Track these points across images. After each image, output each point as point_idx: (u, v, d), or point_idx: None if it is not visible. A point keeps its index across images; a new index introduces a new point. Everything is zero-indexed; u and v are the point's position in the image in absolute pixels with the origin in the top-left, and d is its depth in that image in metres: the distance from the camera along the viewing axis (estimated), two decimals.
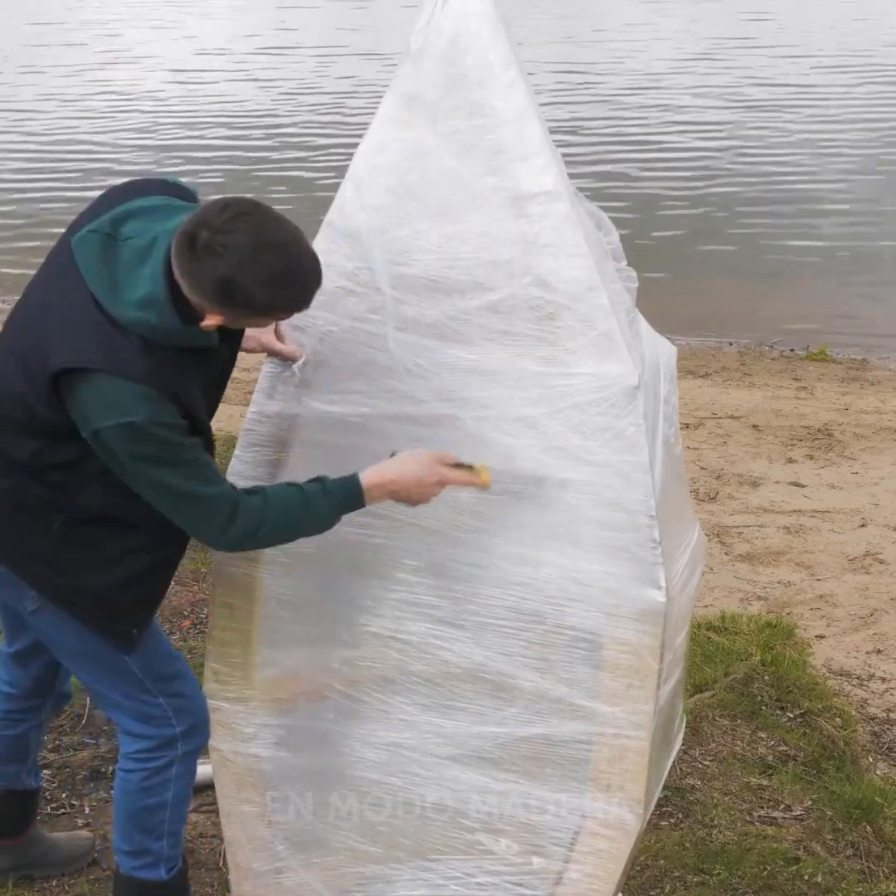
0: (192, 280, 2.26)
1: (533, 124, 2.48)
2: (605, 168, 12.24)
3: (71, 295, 2.34)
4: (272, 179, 12.29)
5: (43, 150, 13.29)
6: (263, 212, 2.29)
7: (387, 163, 2.57)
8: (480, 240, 2.52)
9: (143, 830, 2.77)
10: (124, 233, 2.34)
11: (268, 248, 2.24)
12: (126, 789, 2.75)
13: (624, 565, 2.50)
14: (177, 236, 2.26)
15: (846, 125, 13.98)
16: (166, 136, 13.96)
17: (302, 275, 2.30)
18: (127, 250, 2.32)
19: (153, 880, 2.81)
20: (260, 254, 2.23)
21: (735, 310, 9.33)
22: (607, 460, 2.48)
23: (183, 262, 2.25)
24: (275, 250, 2.25)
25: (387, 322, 2.59)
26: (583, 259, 2.46)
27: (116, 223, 2.35)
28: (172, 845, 2.81)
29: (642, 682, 2.54)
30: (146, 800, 2.73)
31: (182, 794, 2.76)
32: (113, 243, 2.33)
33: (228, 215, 2.24)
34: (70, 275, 2.35)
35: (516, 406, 2.52)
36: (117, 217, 2.36)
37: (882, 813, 3.57)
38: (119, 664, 2.62)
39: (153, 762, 2.70)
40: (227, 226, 2.22)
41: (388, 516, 2.61)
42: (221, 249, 2.21)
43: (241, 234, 2.22)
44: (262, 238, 2.24)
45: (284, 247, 2.26)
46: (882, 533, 5.68)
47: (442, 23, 2.51)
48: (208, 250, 2.22)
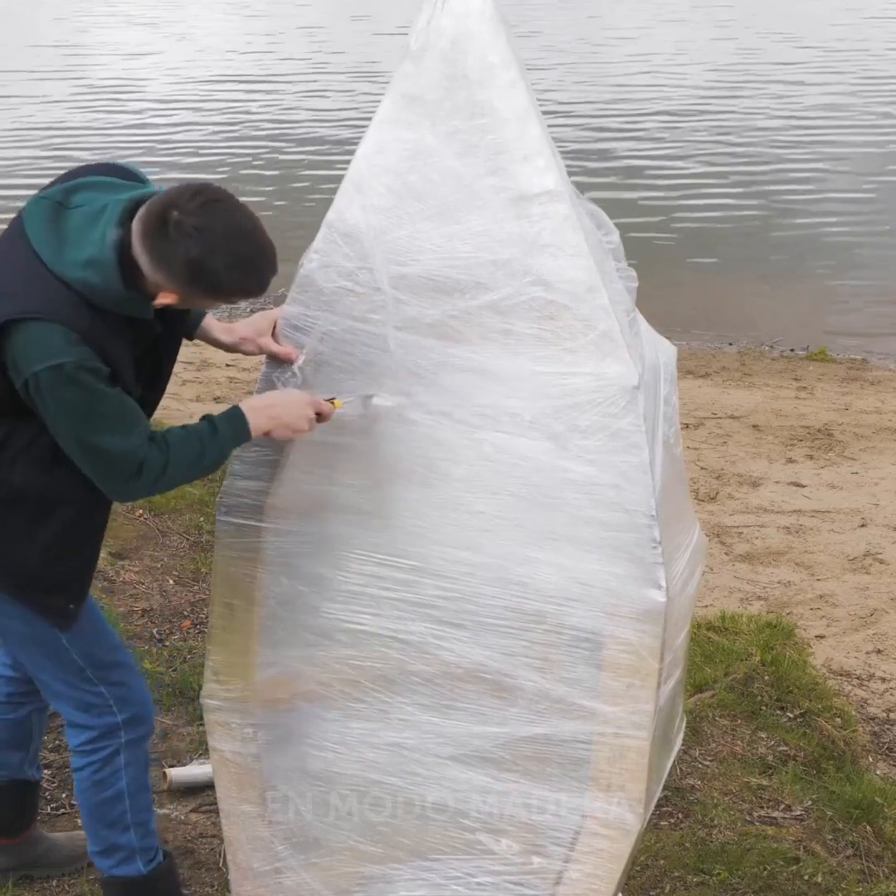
0: (157, 257, 2.33)
1: (533, 124, 2.47)
2: (605, 168, 12.25)
3: (17, 257, 2.40)
4: (272, 179, 12.30)
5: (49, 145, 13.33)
6: (232, 200, 2.39)
7: (387, 163, 2.56)
8: (481, 240, 2.51)
9: (107, 825, 2.78)
10: (74, 201, 2.41)
11: (237, 236, 2.35)
12: (81, 787, 2.78)
13: (624, 565, 2.50)
14: (143, 213, 2.34)
15: (849, 126, 13.99)
16: (164, 135, 13.97)
17: (264, 263, 2.40)
18: (76, 216, 2.39)
19: (133, 876, 2.81)
20: (231, 240, 2.34)
21: (735, 310, 9.33)
22: (607, 460, 2.48)
23: (149, 239, 2.33)
24: (243, 238, 2.36)
25: (387, 322, 2.59)
26: (583, 259, 2.46)
27: (68, 192, 2.42)
28: (142, 836, 2.81)
29: (643, 682, 2.54)
30: (102, 793, 2.75)
31: (137, 782, 2.77)
32: (62, 210, 2.40)
33: (201, 200, 2.33)
34: (19, 242, 2.41)
35: (516, 405, 2.52)
36: (69, 188, 2.43)
37: (882, 813, 3.57)
38: (61, 652, 2.66)
39: (99, 753, 2.72)
40: (201, 210, 2.32)
41: (386, 517, 2.62)
42: (195, 232, 2.30)
43: (214, 219, 2.32)
44: (232, 225, 2.35)
45: (251, 235, 2.38)
46: (882, 533, 5.68)
47: (442, 22, 2.50)
48: (180, 231, 2.30)
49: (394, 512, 2.61)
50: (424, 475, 2.60)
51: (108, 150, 13.16)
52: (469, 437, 2.57)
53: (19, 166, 12.64)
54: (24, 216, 2.42)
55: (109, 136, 13.90)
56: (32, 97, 15.68)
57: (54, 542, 2.56)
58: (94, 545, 2.68)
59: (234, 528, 2.73)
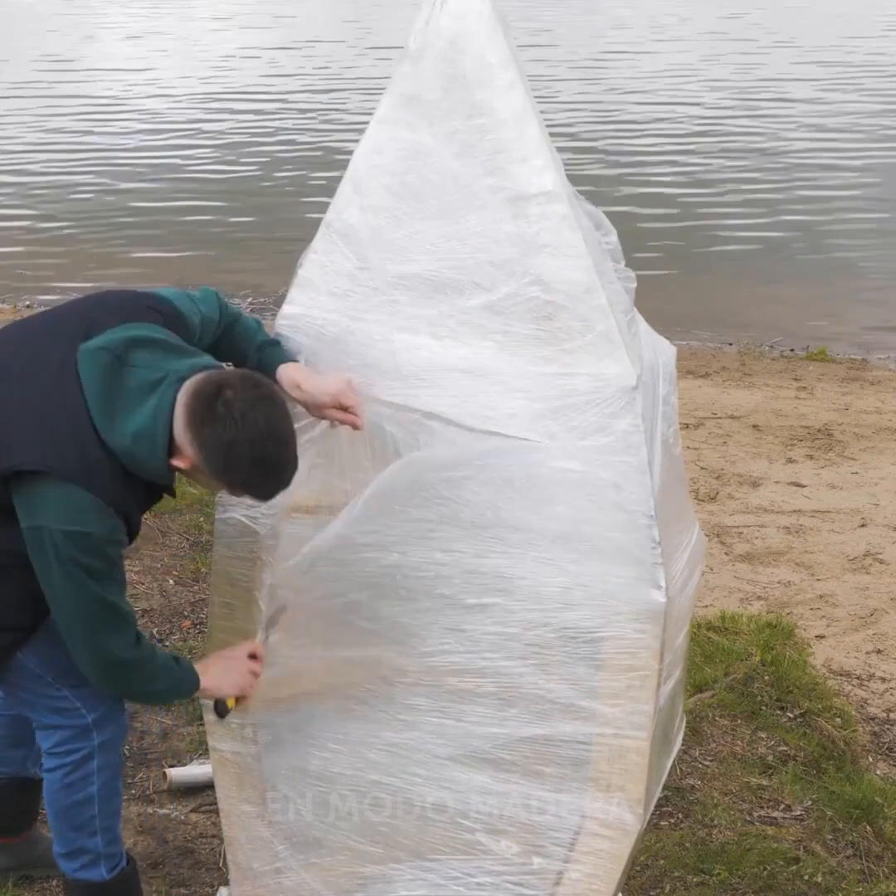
0: (192, 426, 2.35)
1: (532, 125, 2.47)
2: (604, 166, 12.25)
3: (63, 399, 2.38)
4: (271, 180, 12.29)
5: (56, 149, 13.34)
6: (281, 404, 2.42)
7: (385, 163, 2.56)
8: (479, 240, 2.51)
9: (75, 828, 2.77)
10: (132, 359, 2.39)
11: (272, 438, 2.37)
12: (51, 789, 2.76)
13: (624, 565, 2.50)
14: (200, 383, 2.35)
15: (853, 127, 14.00)
16: (162, 134, 13.98)
17: (283, 474, 2.43)
18: (134, 378, 2.38)
19: (95, 881, 2.81)
20: (266, 440, 2.36)
21: (735, 310, 9.33)
22: (606, 461, 2.47)
23: (194, 408, 2.34)
24: (277, 443, 2.38)
25: (385, 322, 2.59)
26: (581, 260, 2.46)
27: (127, 347, 2.40)
28: (108, 842, 2.80)
29: (642, 683, 2.54)
30: (72, 796, 2.73)
31: (108, 787, 2.76)
32: (120, 367, 2.38)
33: (257, 393, 2.36)
34: (70, 385, 2.38)
35: (514, 406, 2.52)
36: (129, 341, 2.40)
37: (882, 813, 3.57)
38: (17, 662, 2.65)
39: (71, 756, 2.70)
40: (253, 401, 2.34)
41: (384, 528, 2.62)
42: (240, 417, 2.33)
43: (261, 416, 2.34)
44: (272, 427, 2.37)
45: (284, 443, 2.40)
46: (882, 533, 5.68)
47: (441, 23, 2.50)
48: (228, 409, 2.32)
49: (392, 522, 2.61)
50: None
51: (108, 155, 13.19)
52: (466, 435, 2.55)
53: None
54: (80, 363, 2.38)
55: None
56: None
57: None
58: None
59: (234, 527, 2.73)
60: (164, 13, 22.88)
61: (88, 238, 10.77)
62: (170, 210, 11.47)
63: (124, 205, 11.52)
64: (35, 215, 11.37)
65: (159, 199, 11.72)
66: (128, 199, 11.71)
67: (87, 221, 11.16)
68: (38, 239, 10.81)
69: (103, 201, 11.66)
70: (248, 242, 10.62)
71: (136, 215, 11.28)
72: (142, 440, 2.35)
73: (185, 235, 10.84)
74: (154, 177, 12.42)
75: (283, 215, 11.04)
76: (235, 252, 10.43)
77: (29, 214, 11.41)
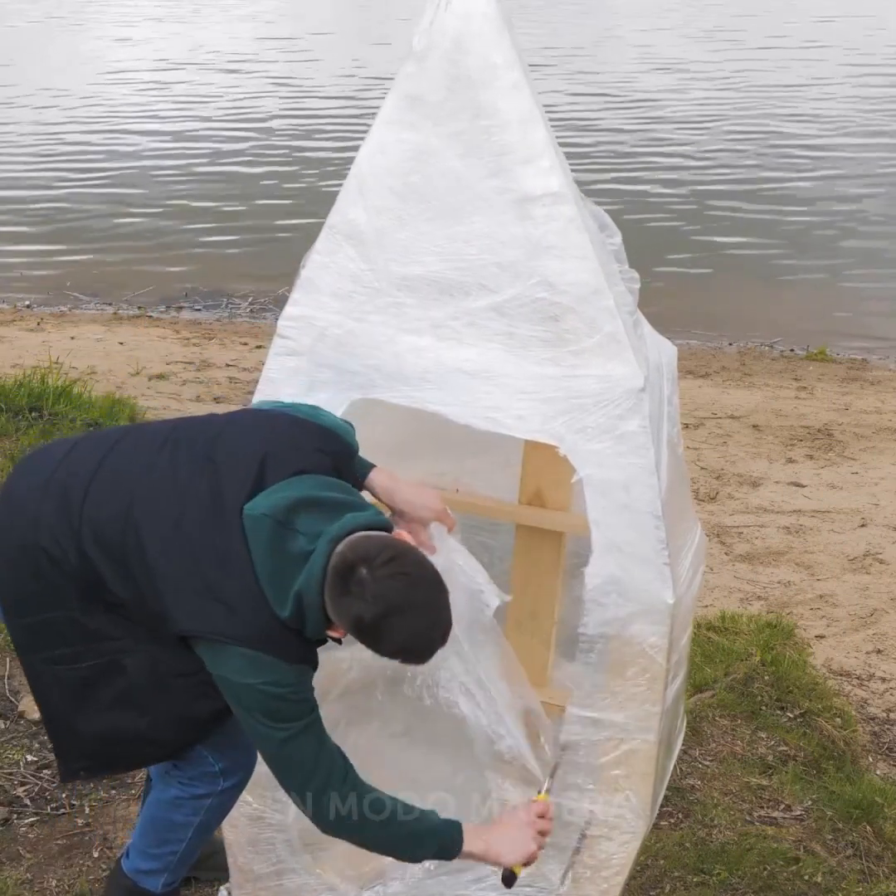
0: (334, 602, 2.32)
1: (537, 125, 2.47)
2: (604, 166, 12.24)
3: (233, 563, 2.36)
4: (273, 180, 12.29)
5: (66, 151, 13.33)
6: (421, 572, 2.34)
7: (390, 164, 2.56)
8: (485, 241, 2.51)
9: (160, 841, 2.76)
10: (296, 524, 2.37)
11: (412, 610, 2.30)
12: (158, 797, 2.74)
13: (632, 566, 2.50)
14: (337, 561, 2.31)
15: (857, 128, 13.99)
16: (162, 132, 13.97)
17: (431, 641, 2.36)
18: (295, 544, 2.36)
19: (145, 889, 2.80)
20: (403, 614, 2.29)
21: (735, 310, 9.33)
22: (614, 462, 2.47)
23: (333, 587, 2.32)
24: (417, 613, 2.31)
25: (390, 324, 2.58)
26: (588, 261, 2.46)
27: (290, 512, 2.37)
28: (179, 865, 2.79)
29: (650, 684, 2.54)
30: (173, 815, 2.72)
31: (208, 825, 2.75)
32: (284, 533, 2.37)
33: (392, 569, 2.29)
34: (235, 539, 2.37)
35: (521, 408, 2.52)
36: (293, 504, 2.38)
37: (882, 813, 3.57)
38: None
39: (193, 789, 2.69)
40: (387, 578, 2.29)
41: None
42: (371, 599, 2.28)
43: (395, 589, 2.29)
44: (410, 599, 2.30)
45: (426, 610, 2.33)
46: (882, 533, 5.68)
47: (445, 23, 2.49)
48: (360, 590, 2.28)
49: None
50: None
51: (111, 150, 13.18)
52: (473, 438, 2.54)
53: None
54: (248, 529, 2.37)
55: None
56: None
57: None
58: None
59: None
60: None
61: (87, 238, 10.77)
62: (170, 210, 11.46)
63: (122, 207, 11.53)
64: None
65: (159, 199, 11.72)
66: (127, 200, 11.71)
67: (87, 221, 11.16)
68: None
69: (105, 203, 11.65)
70: (249, 242, 10.61)
71: (133, 216, 11.28)
72: (301, 611, 2.34)
73: (186, 235, 10.84)
74: (159, 173, 12.42)
75: (283, 216, 11.03)
76: (235, 252, 10.42)
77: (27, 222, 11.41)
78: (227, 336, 8.54)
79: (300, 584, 2.33)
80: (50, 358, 6.90)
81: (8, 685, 3.88)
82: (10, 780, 3.49)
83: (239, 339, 8.44)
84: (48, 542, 2.44)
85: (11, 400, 5.85)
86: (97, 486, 2.46)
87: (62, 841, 3.29)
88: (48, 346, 7.73)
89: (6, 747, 3.62)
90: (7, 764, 3.55)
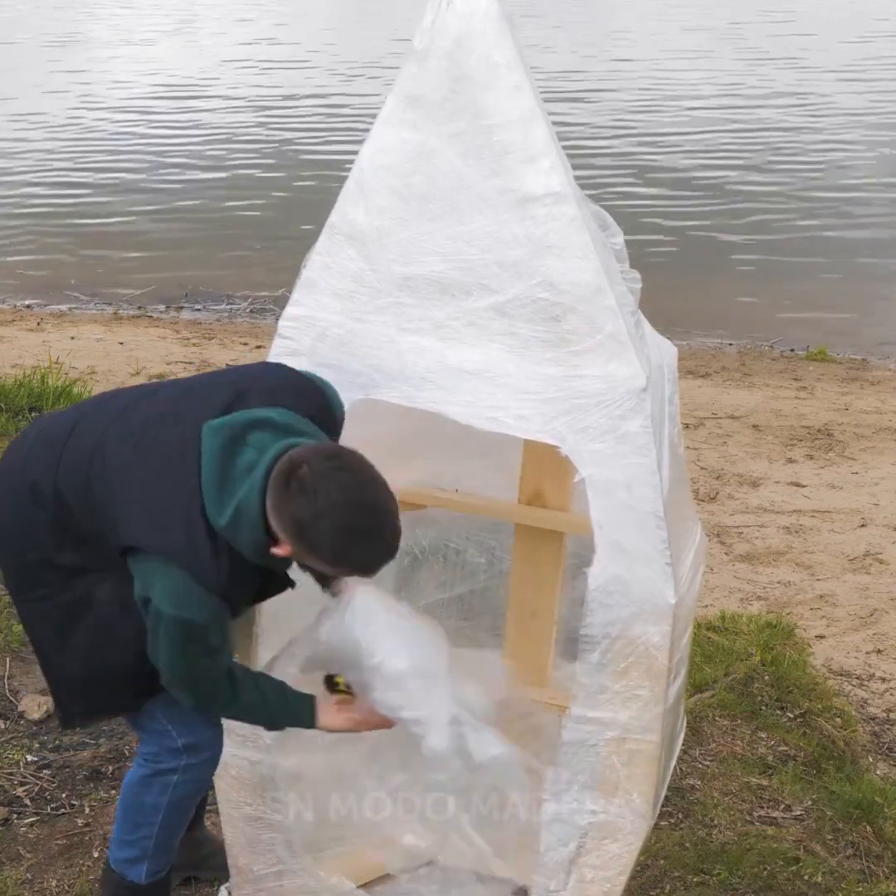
0: (273, 505, 2.30)
1: (539, 125, 2.47)
2: (604, 167, 12.25)
3: (182, 475, 2.37)
4: (273, 181, 12.29)
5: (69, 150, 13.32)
6: (366, 473, 2.32)
7: (391, 164, 2.56)
8: (486, 241, 2.51)
9: (135, 825, 2.77)
10: (249, 440, 2.37)
11: (356, 507, 2.27)
12: (129, 782, 2.77)
13: (634, 566, 2.50)
14: (280, 463, 2.30)
15: (858, 127, 14.00)
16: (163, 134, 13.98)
17: (377, 541, 2.32)
18: (244, 456, 2.35)
19: (130, 880, 2.80)
20: (346, 509, 2.26)
21: (735, 310, 9.33)
22: (615, 462, 2.47)
23: (274, 489, 2.30)
24: (362, 510, 2.28)
25: (391, 324, 2.58)
26: (590, 261, 2.46)
27: (246, 428, 2.38)
28: (158, 850, 2.78)
29: (653, 683, 2.54)
30: (142, 797, 2.73)
31: (178, 805, 2.74)
32: (234, 446, 2.36)
33: (333, 464, 2.28)
34: (189, 453, 2.38)
35: (523, 408, 2.51)
36: (249, 423, 2.38)
37: (882, 813, 3.57)
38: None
39: (157, 764, 2.70)
40: (327, 472, 2.26)
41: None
42: (311, 492, 2.25)
43: (336, 486, 2.26)
44: (353, 496, 2.27)
45: (373, 510, 2.30)
46: (882, 533, 5.68)
47: (447, 23, 2.49)
48: (300, 488, 2.26)
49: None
50: None
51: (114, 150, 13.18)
52: (474, 438, 2.54)
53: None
54: (204, 438, 2.37)
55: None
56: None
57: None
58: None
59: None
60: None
61: (88, 237, 10.77)
62: (170, 210, 11.46)
63: (122, 207, 11.53)
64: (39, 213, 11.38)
65: (159, 199, 11.72)
66: (125, 199, 11.71)
67: (87, 221, 11.17)
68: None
69: (105, 203, 11.65)
70: (248, 242, 10.62)
71: (134, 216, 11.28)
72: (239, 521, 2.32)
73: (185, 235, 10.84)
74: (159, 175, 12.42)
75: (285, 216, 11.03)
76: (236, 252, 10.42)
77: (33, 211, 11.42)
78: (228, 336, 8.54)
79: (242, 492, 2.31)
80: (50, 358, 6.90)
81: (8, 685, 3.88)
82: (10, 780, 3.49)
83: (239, 339, 8.44)
84: (34, 475, 2.51)
85: (11, 400, 5.85)
86: (83, 421, 2.53)
87: (62, 841, 3.29)
88: (48, 346, 7.73)
89: (6, 747, 3.62)
90: (7, 764, 3.55)
